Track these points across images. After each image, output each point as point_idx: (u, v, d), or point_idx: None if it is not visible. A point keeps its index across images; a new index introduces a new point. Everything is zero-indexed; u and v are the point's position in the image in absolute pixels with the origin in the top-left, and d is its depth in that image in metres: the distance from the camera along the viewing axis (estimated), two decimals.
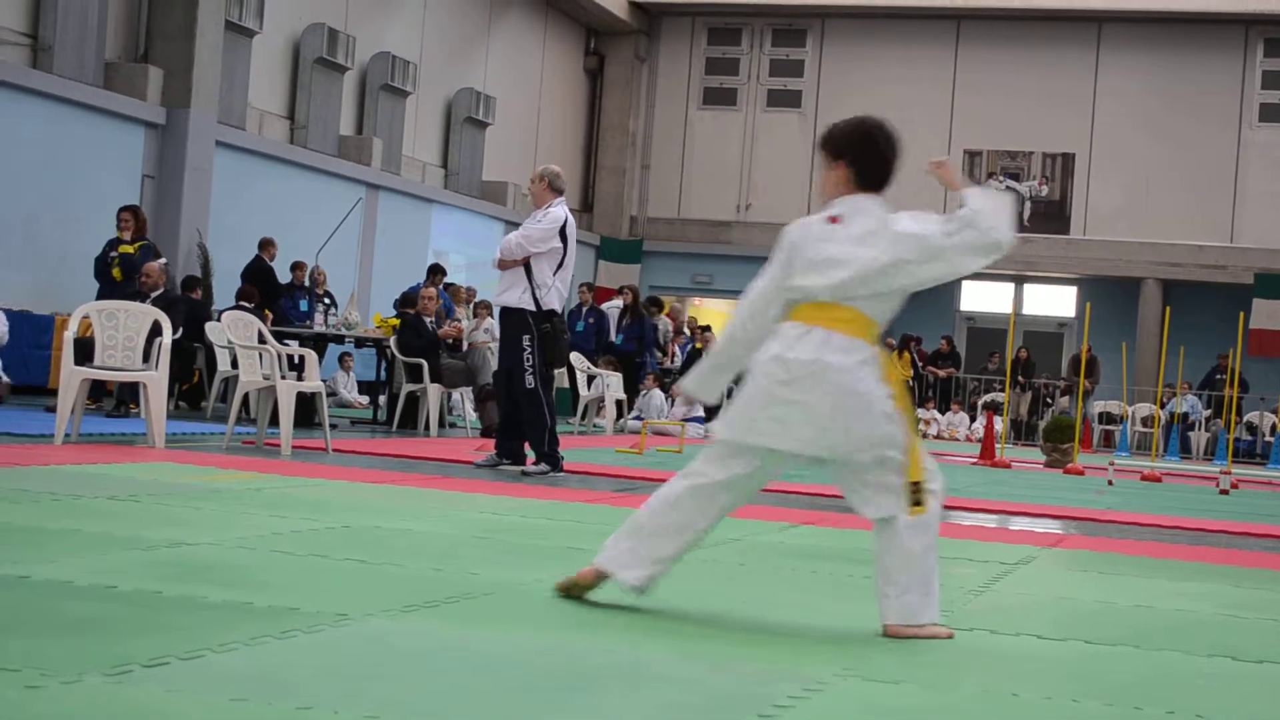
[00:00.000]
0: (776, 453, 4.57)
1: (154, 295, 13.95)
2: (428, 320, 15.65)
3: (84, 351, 10.87)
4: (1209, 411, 27.48)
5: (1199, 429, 27.16)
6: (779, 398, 4.52)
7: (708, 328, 25.21)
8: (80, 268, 16.08)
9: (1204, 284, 29.78)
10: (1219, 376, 26.97)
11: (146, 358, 10.97)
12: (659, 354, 22.98)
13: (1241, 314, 20.39)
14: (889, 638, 4.45)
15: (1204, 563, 7.56)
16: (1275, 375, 25.39)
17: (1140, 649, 4.62)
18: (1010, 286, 31.33)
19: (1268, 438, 25.95)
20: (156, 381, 10.45)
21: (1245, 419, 27.16)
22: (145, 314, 10.98)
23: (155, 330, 10.86)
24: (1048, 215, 30.95)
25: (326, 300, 18.19)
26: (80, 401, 10.46)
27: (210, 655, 3.49)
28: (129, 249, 15.31)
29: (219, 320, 14.42)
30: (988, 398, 28.31)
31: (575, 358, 18.28)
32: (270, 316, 16.43)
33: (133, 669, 3.26)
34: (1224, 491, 14.77)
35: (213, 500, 7.09)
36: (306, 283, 18.42)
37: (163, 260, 15.12)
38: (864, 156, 4.80)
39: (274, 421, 11.15)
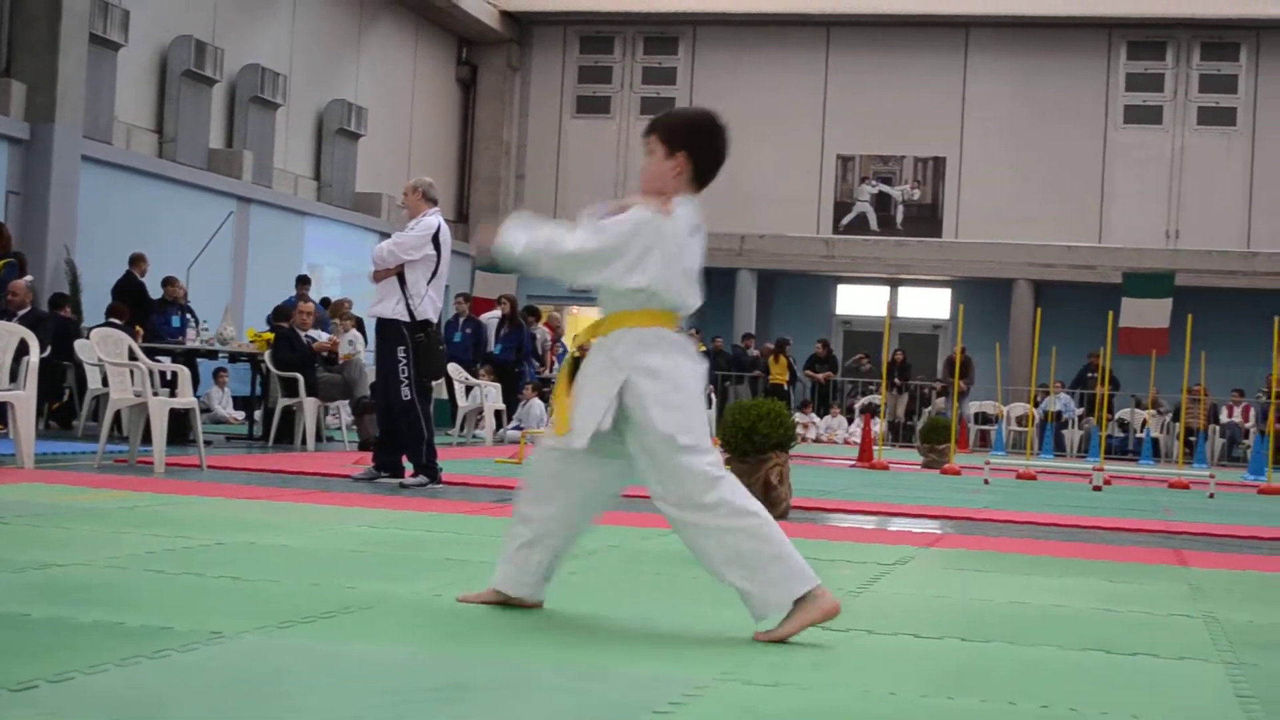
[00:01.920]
0: None
1: (21, 313, 13.72)
2: (303, 334, 15.51)
3: None
4: (1081, 410, 27.92)
5: (1072, 427, 27.60)
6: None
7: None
8: None
9: (1074, 284, 30.29)
10: (1090, 375, 27.41)
11: (14, 377, 10.78)
12: (537, 363, 22.94)
13: (1111, 313, 20.73)
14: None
15: (1078, 558, 7.67)
16: (1145, 373, 25.77)
17: (1015, 644, 4.68)
18: (885, 289, 31.66)
19: (1139, 434, 26.44)
20: (24, 401, 10.26)
21: (1117, 416, 27.63)
22: (11, 332, 10.79)
23: (22, 349, 10.67)
24: (920, 219, 31.32)
25: (188, 314, 17.96)
26: None
27: (80, 677, 3.43)
28: None
29: (88, 338, 14.19)
30: (865, 400, 28.57)
31: (453, 368, 18.20)
32: (141, 333, 16.19)
33: None
34: (1097, 488, 15.00)
35: (84, 520, 6.97)
36: (183, 299, 18.16)
37: (28, 278, 14.87)
38: (707, 152, 4.65)
39: (147, 439, 10.99)
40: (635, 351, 4.56)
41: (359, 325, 18.68)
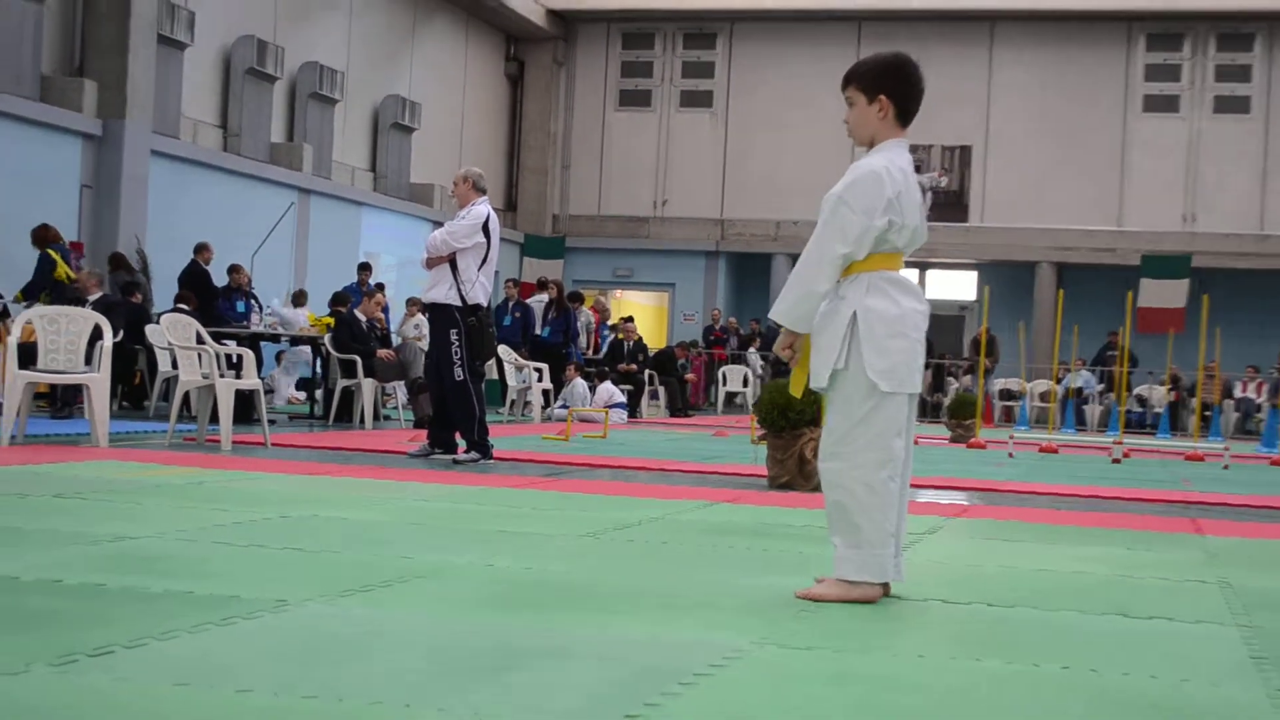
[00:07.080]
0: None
1: (94, 299, 13.81)
2: (363, 319, 15.58)
3: (28, 355, 10.74)
4: (1102, 386, 27.78)
5: (1093, 403, 27.47)
6: (919, 344, 4.56)
7: (630, 319, 25.20)
8: (24, 276, 15.87)
9: (1095, 266, 30.13)
10: (1110, 353, 27.26)
11: (89, 360, 10.85)
12: (583, 344, 22.97)
13: (1130, 294, 20.62)
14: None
15: (1099, 528, 7.63)
16: (1162, 351, 25.66)
17: (1039, 610, 4.67)
18: (914, 272, 31.56)
19: (1156, 409, 26.27)
20: (99, 383, 10.34)
21: (1135, 392, 27.47)
22: (86, 318, 10.87)
23: (97, 333, 10.74)
24: (948, 205, 31.17)
25: (252, 300, 18.04)
26: (25, 404, 10.34)
27: (154, 643, 3.46)
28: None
29: (159, 323, 14.29)
30: None
31: (503, 350, 18.24)
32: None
33: (78, 659, 3.23)
34: (1116, 461, 14.92)
35: (155, 495, 7.02)
36: (247, 285, 18.26)
37: (89, 269, 15.02)
38: (905, 89, 4.62)
39: (214, 418, 11.06)
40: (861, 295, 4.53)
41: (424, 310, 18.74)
